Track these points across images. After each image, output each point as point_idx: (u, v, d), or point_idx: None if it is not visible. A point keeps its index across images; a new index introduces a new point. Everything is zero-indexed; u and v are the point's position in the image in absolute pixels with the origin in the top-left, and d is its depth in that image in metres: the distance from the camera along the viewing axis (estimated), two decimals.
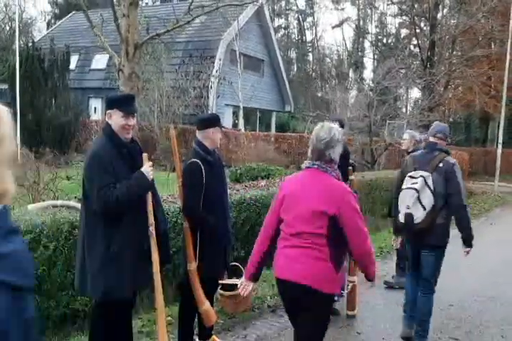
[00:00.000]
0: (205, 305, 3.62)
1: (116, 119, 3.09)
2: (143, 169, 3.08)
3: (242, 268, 4.85)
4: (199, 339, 3.93)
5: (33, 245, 3.96)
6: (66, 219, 4.31)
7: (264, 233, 2.96)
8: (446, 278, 6.07)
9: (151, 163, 3.19)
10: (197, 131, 3.76)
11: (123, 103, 3.13)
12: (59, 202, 4.94)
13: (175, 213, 5.08)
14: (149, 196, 3.17)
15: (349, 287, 4.80)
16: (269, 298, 5.18)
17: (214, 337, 4.00)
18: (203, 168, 3.57)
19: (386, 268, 6.49)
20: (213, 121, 3.75)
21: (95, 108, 22.80)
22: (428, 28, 20.71)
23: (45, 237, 4.06)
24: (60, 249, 4.14)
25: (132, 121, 3.13)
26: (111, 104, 3.15)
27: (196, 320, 3.91)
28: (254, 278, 3.05)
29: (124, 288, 3.07)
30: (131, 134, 3.19)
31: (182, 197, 3.67)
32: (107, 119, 3.18)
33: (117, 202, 2.91)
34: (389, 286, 5.82)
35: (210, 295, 3.76)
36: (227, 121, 21.10)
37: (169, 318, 4.08)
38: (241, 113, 20.77)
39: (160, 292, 3.15)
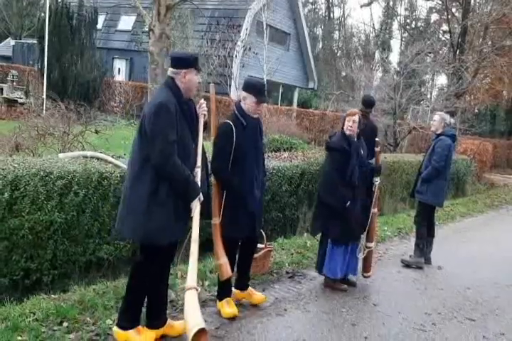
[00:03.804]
0: (221, 260, 3.67)
1: (192, 78, 3.16)
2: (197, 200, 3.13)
3: (263, 234, 4.91)
4: (235, 288, 4.11)
5: (64, 191, 4.02)
6: (96, 169, 4.36)
7: None
8: (463, 264, 6.12)
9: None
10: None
11: (198, 62, 3.22)
12: (89, 153, 4.94)
13: None
14: (201, 139, 3.27)
15: (365, 252, 4.84)
16: (287, 264, 5.23)
17: (250, 288, 4.18)
18: (234, 129, 3.67)
19: (404, 248, 6.50)
20: (252, 89, 3.78)
21: (119, 69, 22.68)
22: (460, 13, 20.14)
23: (76, 184, 4.11)
24: (88, 197, 4.20)
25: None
26: (188, 63, 3.17)
27: (235, 272, 4.07)
28: None
29: (165, 235, 3.07)
30: None
31: (212, 155, 3.79)
32: (178, 77, 3.15)
33: (170, 172, 3.00)
34: (406, 265, 5.82)
35: (228, 253, 3.76)
36: None
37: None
38: None
39: (196, 236, 3.09)
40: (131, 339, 3.21)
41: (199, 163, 3.24)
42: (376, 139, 5.05)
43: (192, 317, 2.78)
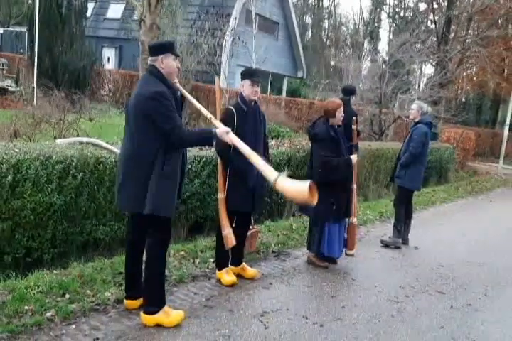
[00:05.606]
0: (225, 230, 4.06)
1: (169, 62, 3.39)
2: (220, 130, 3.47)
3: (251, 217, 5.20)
4: (231, 264, 4.48)
5: (63, 174, 4.29)
6: (92, 154, 4.62)
7: None
8: (439, 245, 6.50)
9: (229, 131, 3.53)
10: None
11: (173, 47, 3.46)
12: (85, 139, 5.19)
13: (189, 161, 5.38)
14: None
15: (348, 227, 5.11)
16: (273, 244, 5.55)
17: (244, 264, 4.58)
18: (235, 114, 4.16)
19: (384, 230, 6.84)
20: (246, 74, 4.33)
21: (108, 57, 22.71)
22: (445, 3, 20.43)
23: (74, 168, 4.37)
24: (86, 180, 4.47)
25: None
26: (163, 48, 3.39)
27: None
28: None
29: (172, 207, 3.41)
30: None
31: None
32: (157, 63, 3.38)
33: (190, 143, 3.58)
34: (385, 245, 6.17)
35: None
36: (238, 81, 21.10)
37: None
38: None
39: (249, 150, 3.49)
40: (162, 321, 3.40)
41: (218, 124, 3.66)
42: (353, 117, 5.28)
43: (297, 185, 3.13)
